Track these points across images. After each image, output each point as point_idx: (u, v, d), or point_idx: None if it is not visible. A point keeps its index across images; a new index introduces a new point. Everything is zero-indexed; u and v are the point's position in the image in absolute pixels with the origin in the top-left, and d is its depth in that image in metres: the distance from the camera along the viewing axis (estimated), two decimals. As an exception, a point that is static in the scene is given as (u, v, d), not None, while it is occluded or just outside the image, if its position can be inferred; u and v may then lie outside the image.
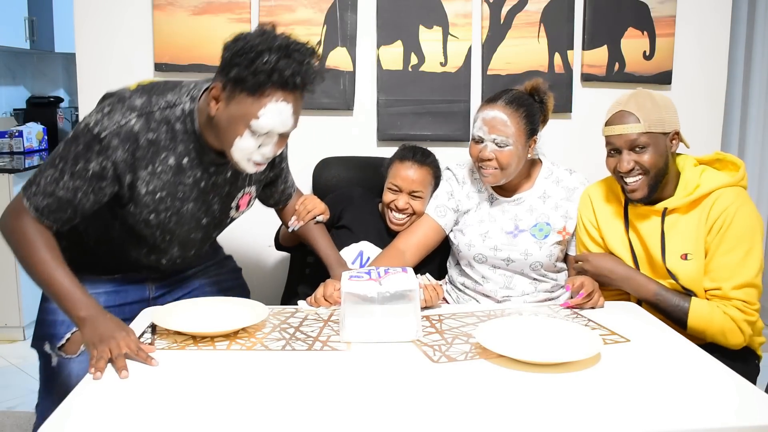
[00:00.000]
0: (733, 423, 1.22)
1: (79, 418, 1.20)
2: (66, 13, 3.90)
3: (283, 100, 1.47)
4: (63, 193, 1.50)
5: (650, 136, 1.77)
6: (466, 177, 2.11)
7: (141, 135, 1.52)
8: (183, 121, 1.56)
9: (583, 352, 1.43)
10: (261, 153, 1.53)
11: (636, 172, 1.79)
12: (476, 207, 2.07)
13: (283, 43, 1.46)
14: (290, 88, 1.47)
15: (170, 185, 1.59)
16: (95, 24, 2.48)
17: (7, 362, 3.36)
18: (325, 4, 2.49)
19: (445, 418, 1.21)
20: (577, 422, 1.21)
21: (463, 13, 2.54)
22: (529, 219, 2.02)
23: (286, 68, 1.44)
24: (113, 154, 1.49)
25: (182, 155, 1.58)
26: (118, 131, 1.49)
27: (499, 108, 1.92)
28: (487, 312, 1.78)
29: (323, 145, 2.53)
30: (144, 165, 1.54)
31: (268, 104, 1.46)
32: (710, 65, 2.67)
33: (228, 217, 1.79)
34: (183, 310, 1.65)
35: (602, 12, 2.57)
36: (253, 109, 1.46)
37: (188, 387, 1.33)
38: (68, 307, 1.47)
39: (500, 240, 2.00)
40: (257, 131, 1.49)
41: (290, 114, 1.50)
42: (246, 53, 1.44)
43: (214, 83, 1.50)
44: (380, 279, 1.59)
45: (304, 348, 1.50)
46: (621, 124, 1.79)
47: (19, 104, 4.68)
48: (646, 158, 1.77)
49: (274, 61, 1.43)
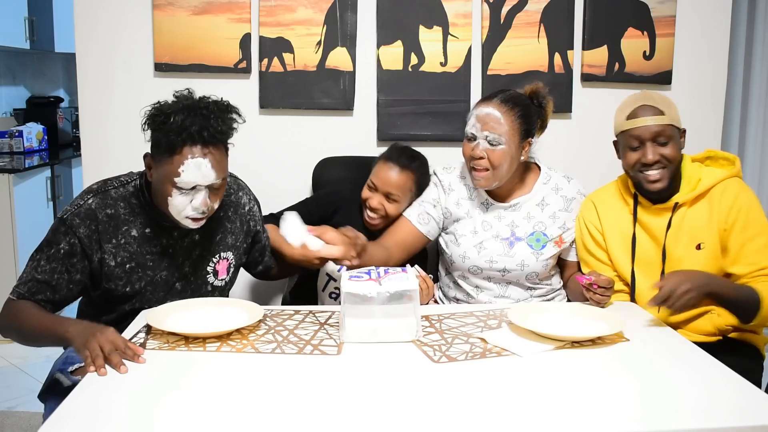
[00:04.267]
0: (733, 423, 1.22)
1: (79, 418, 1.20)
2: (66, 13, 3.91)
3: (200, 155, 1.58)
4: (41, 276, 1.63)
5: (672, 130, 1.81)
6: (454, 183, 2.06)
7: (99, 212, 1.66)
8: (137, 195, 1.71)
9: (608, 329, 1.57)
10: (193, 207, 1.63)
11: (659, 165, 1.81)
12: (467, 215, 2.02)
13: (191, 103, 1.60)
14: (202, 142, 1.58)
15: (138, 255, 1.70)
16: (95, 24, 2.48)
17: (7, 362, 3.36)
18: (325, 4, 2.49)
19: (446, 418, 1.21)
20: (577, 422, 1.21)
21: (463, 13, 2.54)
22: (526, 226, 1.98)
23: (193, 125, 1.56)
24: (77, 231, 1.63)
25: (144, 225, 1.71)
26: (77, 212, 1.65)
27: (493, 105, 1.90)
28: (487, 312, 1.78)
29: (323, 145, 2.53)
30: (107, 239, 1.67)
31: (185, 161, 1.58)
32: (710, 65, 2.67)
33: (206, 283, 1.81)
34: (178, 310, 1.65)
35: (602, 12, 2.57)
36: (174, 168, 1.59)
37: (176, 389, 1.33)
38: (57, 333, 1.54)
39: (496, 251, 1.97)
40: (183, 187, 1.60)
41: (209, 167, 1.60)
42: (157, 118, 1.59)
43: (145, 153, 1.66)
44: (380, 279, 1.58)
45: (294, 351, 1.49)
46: (646, 116, 1.81)
47: (19, 104, 4.69)
48: (669, 151, 1.80)
49: (180, 120, 1.56)
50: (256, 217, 1.93)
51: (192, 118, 1.57)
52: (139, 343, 1.51)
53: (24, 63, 4.76)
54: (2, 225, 3.54)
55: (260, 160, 2.52)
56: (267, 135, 2.55)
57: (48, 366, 1.78)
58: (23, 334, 1.64)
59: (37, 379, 3.12)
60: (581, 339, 1.54)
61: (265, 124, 2.55)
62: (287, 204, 2.24)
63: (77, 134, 3.67)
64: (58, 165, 4.08)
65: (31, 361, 3.37)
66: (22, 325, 1.61)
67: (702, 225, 1.84)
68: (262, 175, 2.43)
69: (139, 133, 1.72)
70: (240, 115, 1.67)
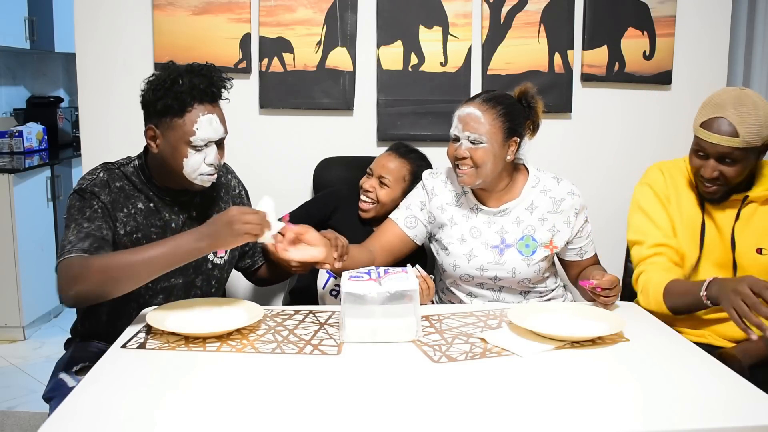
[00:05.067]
0: (733, 423, 1.22)
1: (79, 418, 1.20)
2: (66, 13, 3.90)
3: (208, 112, 1.67)
4: (94, 232, 1.64)
5: (743, 152, 1.68)
6: (438, 187, 2.02)
7: (110, 182, 1.73)
8: (137, 174, 1.77)
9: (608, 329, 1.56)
10: (207, 163, 1.70)
11: (718, 181, 1.74)
12: (451, 221, 1.99)
13: (187, 67, 1.68)
14: (209, 99, 1.68)
15: (144, 227, 1.74)
16: (95, 24, 2.48)
17: (7, 362, 3.36)
18: (325, 4, 2.49)
19: (446, 418, 1.21)
20: (577, 422, 1.21)
21: (463, 13, 2.54)
22: (515, 231, 1.95)
23: (201, 83, 1.66)
24: (100, 196, 1.69)
25: (149, 199, 1.76)
26: (94, 182, 1.71)
27: (474, 105, 1.89)
28: (487, 312, 1.78)
29: (323, 145, 2.54)
30: (120, 207, 1.72)
31: (198, 119, 1.66)
32: (710, 65, 2.67)
33: (206, 260, 1.81)
34: (178, 310, 1.65)
35: (602, 12, 2.57)
36: (188, 128, 1.66)
37: (176, 389, 1.32)
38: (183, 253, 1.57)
39: (486, 258, 1.95)
40: (198, 145, 1.67)
41: (218, 122, 1.70)
42: (162, 85, 1.65)
43: (147, 127, 1.71)
44: (380, 279, 1.58)
45: (294, 351, 1.49)
46: (718, 133, 1.69)
47: (19, 104, 4.68)
48: (732, 170, 1.70)
49: (188, 81, 1.65)
50: (245, 202, 1.96)
51: (198, 77, 1.66)
52: (139, 343, 1.51)
53: (24, 63, 4.76)
54: (2, 225, 3.53)
55: (260, 159, 2.53)
56: (267, 135, 2.55)
57: (48, 366, 1.79)
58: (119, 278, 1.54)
59: (37, 379, 3.13)
60: (581, 339, 1.54)
61: (265, 124, 2.55)
62: (287, 204, 2.24)
63: (77, 134, 3.67)
64: (58, 165, 4.08)
65: (31, 361, 3.38)
66: (114, 267, 1.54)
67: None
68: (262, 175, 2.43)
69: (139, 132, 1.72)
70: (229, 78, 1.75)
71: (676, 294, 1.67)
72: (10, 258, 3.56)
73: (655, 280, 1.75)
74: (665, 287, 1.69)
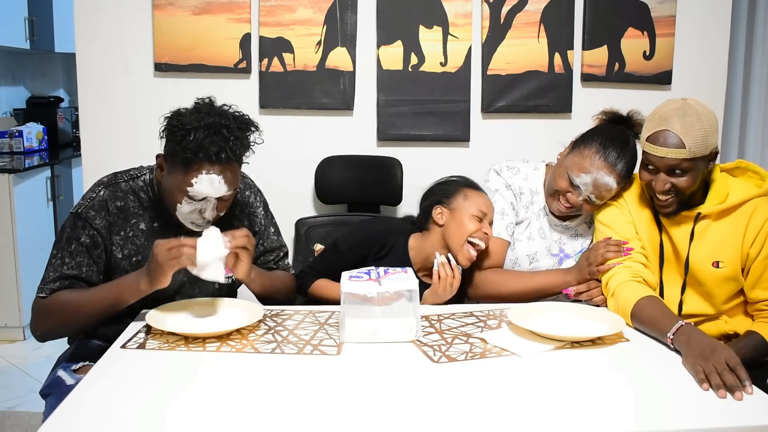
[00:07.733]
0: (733, 423, 1.22)
1: (79, 418, 1.20)
2: (66, 13, 3.91)
3: (214, 172, 1.59)
4: (70, 271, 1.63)
5: (692, 161, 1.67)
6: (523, 186, 2.02)
7: (110, 203, 1.68)
8: (146, 190, 1.72)
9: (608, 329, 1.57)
10: (201, 216, 1.65)
11: (669, 193, 1.73)
12: (526, 219, 2.01)
13: (213, 120, 1.58)
14: (218, 162, 1.58)
15: (144, 248, 1.69)
16: (95, 24, 2.48)
17: (7, 362, 3.36)
18: (325, 4, 2.49)
19: (446, 418, 1.21)
20: (577, 422, 1.21)
21: (463, 13, 2.54)
22: (573, 244, 2.00)
23: (212, 146, 1.56)
24: (93, 223, 1.65)
25: (152, 220, 1.72)
26: (91, 204, 1.67)
27: (614, 177, 1.84)
28: (487, 312, 1.78)
29: (323, 145, 2.54)
30: (117, 230, 1.68)
31: (199, 176, 1.58)
32: (710, 65, 2.67)
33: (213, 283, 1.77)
34: (178, 310, 1.65)
35: (602, 12, 2.58)
36: (187, 179, 1.59)
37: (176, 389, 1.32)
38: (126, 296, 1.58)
39: (546, 264, 1.99)
40: (194, 197, 1.61)
41: (222, 183, 1.61)
42: (177, 131, 1.58)
43: (158, 153, 1.66)
44: (380, 279, 1.58)
45: (294, 351, 1.49)
46: (664, 146, 1.67)
47: (19, 104, 4.69)
48: (683, 181, 1.69)
49: (201, 138, 1.55)
50: (259, 218, 1.90)
51: (211, 137, 1.56)
52: (139, 343, 1.51)
53: (24, 63, 4.76)
54: (2, 225, 3.54)
55: (260, 159, 2.51)
56: (267, 135, 2.53)
57: (48, 366, 1.79)
58: (72, 320, 1.62)
59: (37, 379, 3.13)
60: (581, 339, 1.54)
61: (265, 124, 2.50)
62: (286, 204, 2.23)
63: (77, 134, 3.67)
64: (58, 165, 4.08)
65: (31, 361, 3.38)
66: (68, 309, 1.60)
67: (724, 242, 1.75)
68: (262, 174, 2.42)
69: (139, 132, 1.73)
70: (259, 131, 1.68)
71: (642, 319, 1.64)
72: (10, 258, 3.56)
73: (625, 294, 1.71)
74: (634, 306, 1.66)
